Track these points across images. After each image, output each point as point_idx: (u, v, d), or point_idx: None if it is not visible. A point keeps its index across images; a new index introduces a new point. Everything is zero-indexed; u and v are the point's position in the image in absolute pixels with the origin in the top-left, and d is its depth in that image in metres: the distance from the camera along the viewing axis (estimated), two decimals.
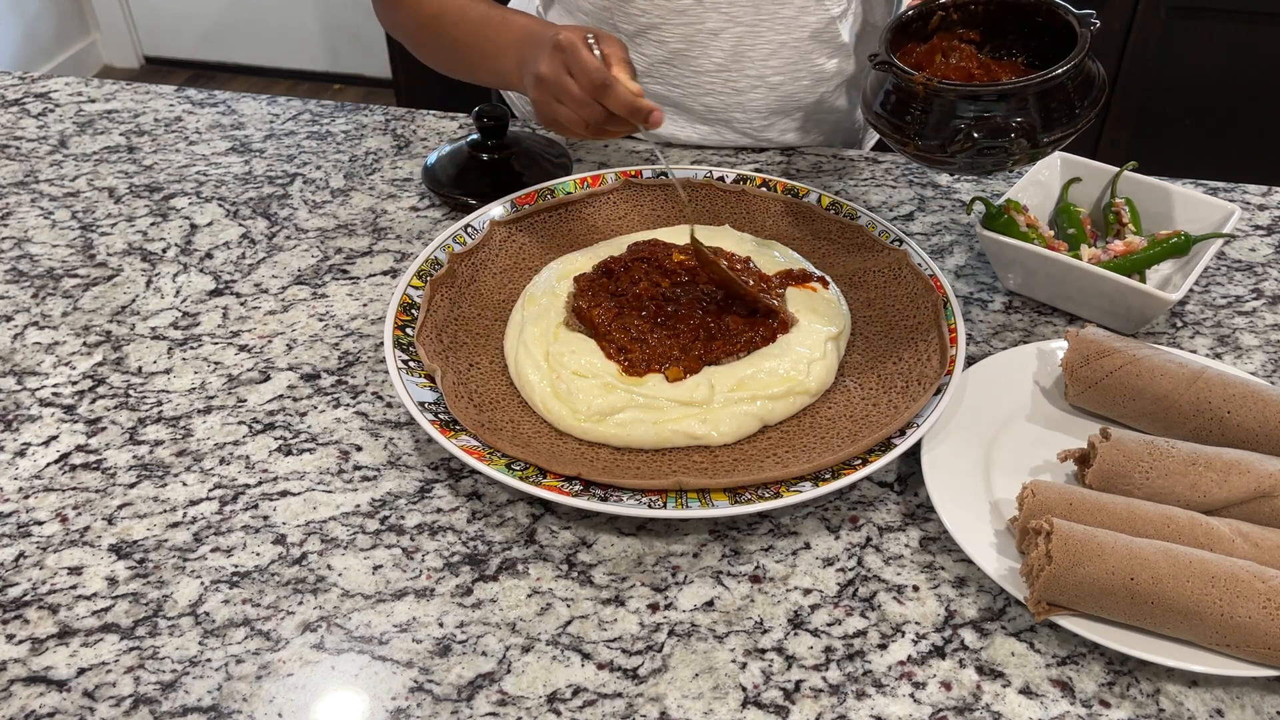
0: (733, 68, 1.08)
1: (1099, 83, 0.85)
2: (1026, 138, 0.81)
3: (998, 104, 0.82)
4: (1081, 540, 0.65)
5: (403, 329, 0.85)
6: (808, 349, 0.82)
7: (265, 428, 0.82)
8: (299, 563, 0.72)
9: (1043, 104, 0.82)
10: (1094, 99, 0.84)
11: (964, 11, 0.91)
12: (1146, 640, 0.65)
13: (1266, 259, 1.00)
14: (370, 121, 1.21)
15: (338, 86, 3.38)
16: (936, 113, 0.83)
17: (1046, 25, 0.88)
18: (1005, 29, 0.91)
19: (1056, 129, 0.82)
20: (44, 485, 0.78)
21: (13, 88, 1.29)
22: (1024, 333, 0.91)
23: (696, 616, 0.69)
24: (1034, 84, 0.81)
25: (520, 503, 0.76)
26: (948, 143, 0.83)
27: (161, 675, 0.65)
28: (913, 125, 0.85)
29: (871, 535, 0.74)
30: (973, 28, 0.92)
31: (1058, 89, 0.82)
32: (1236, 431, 0.76)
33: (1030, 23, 0.89)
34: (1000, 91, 0.81)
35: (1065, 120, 0.83)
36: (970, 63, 0.90)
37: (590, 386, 0.79)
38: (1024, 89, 0.81)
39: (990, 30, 0.91)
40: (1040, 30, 0.88)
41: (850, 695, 0.64)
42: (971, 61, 0.90)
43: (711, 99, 1.10)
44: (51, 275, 0.98)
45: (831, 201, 0.99)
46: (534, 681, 0.65)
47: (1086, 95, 0.84)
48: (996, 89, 0.82)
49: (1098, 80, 0.85)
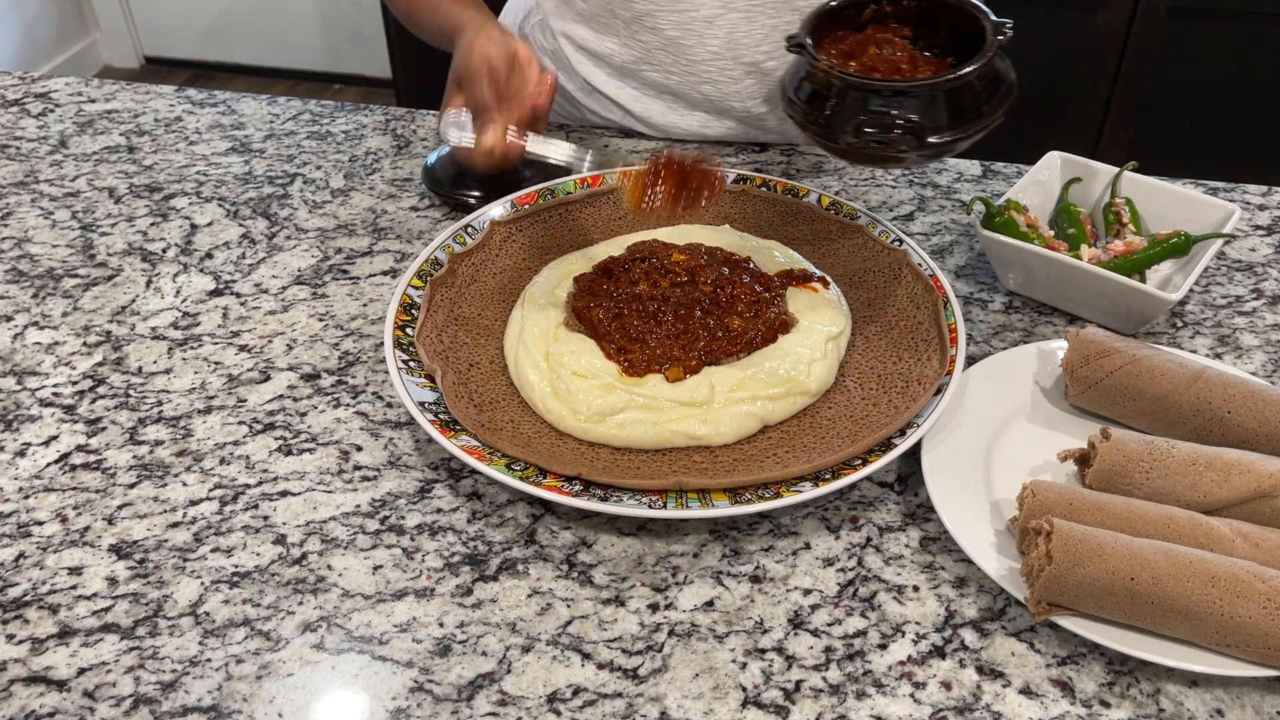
0: (728, 55, 1.08)
1: (1005, 87, 0.85)
2: (915, 136, 0.81)
3: (891, 100, 0.82)
4: (1082, 540, 0.65)
5: (403, 329, 0.85)
6: (808, 349, 0.82)
7: (265, 428, 0.82)
8: (299, 563, 0.72)
9: (941, 104, 0.82)
10: (998, 103, 0.84)
11: (896, 5, 0.90)
12: (1146, 640, 0.65)
13: (1266, 259, 1.00)
14: (370, 121, 1.21)
15: (338, 86, 3.38)
16: (834, 101, 0.83)
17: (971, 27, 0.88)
18: (938, 26, 0.90)
19: (949, 131, 0.82)
20: (44, 485, 0.78)
21: (13, 88, 1.29)
22: (1024, 333, 0.91)
23: (696, 616, 0.69)
24: (928, 84, 0.81)
25: (520, 503, 0.76)
26: (840, 132, 0.83)
27: (161, 675, 0.65)
28: (814, 111, 0.85)
29: (871, 535, 0.74)
30: (906, 23, 0.91)
31: (958, 92, 0.82)
32: (1236, 431, 0.76)
33: (959, 22, 0.89)
34: (894, 89, 0.82)
35: (964, 123, 0.83)
36: (901, 56, 0.89)
37: (590, 387, 0.79)
38: (918, 88, 0.81)
39: (924, 27, 0.91)
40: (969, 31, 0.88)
41: (850, 695, 0.64)
42: (903, 55, 0.89)
43: (709, 87, 1.11)
44: (51, 275, 0.98)
45: (831, 201, 0.99)
46: (534, 681, 0.65)
47: (991, 99, 0.84)
48: (890, 85, 0.82)
49: (1004, 85, 0.85)
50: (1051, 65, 2.19)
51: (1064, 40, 2.16)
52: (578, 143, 1.09)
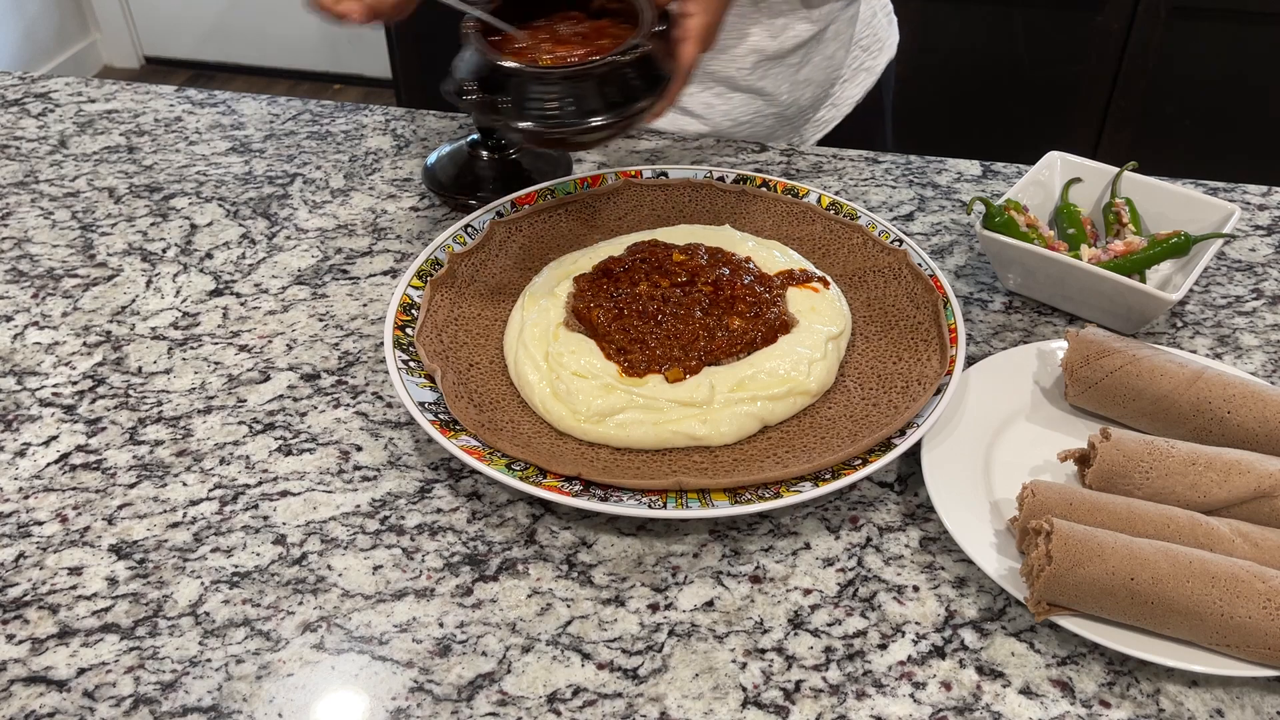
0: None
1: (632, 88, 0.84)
2: (507, 118, 0.82)
3: (497, 78, 0.82)
4: (1082, 540, 0.65)
5: (403, 329, 0.85)
6: (808, 349, 0.82)
7: (265, 428, 0.82)
8: (299, 563, 0.72)
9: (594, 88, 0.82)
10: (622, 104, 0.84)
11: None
12: (1146, 640, 0.65)
13: (1266, 259, 1.00)
14: (370, 121, 1.21)
15: (338, 86, 3.38)
16: (466, 65, 0.84)
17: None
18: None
19: (559, 124, 0.82)
20: (44, 485, 0.78)
21: (13, 88, 1.29)
22: (1024, 333, 0.91)
23: (696, 616, 0.69)
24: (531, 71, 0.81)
25: (520, 503, 0.76)
26: (458, 97, 0.83)
27: (161, 675, 0.65)
28: (457, 70, 0.85)
29: (871, 535, 0.74)
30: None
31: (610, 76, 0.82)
32: (1236, 431, 0.76)
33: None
34: (500, 68, 0.82)
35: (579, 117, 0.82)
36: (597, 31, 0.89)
37: (590, 387, 0.79)
38: (519, 73, 0.81)
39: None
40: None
41: (850, 695, 0.64)
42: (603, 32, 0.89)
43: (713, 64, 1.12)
44: (51, 275, 0.98)
45: (831, 201, 0.99)
46: (534, 681, 0.65)
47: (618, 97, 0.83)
48: (496, 63, 0.82)
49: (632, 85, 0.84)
50: (1051, 65, 2.19)
51: (1064, 40, 2.16)
52: None
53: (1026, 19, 2.16)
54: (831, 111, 1.24)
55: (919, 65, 2.25)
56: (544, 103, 0.83)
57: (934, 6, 2.19)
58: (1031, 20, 2.16)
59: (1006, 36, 2.19)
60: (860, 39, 1.22)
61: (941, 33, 2.22)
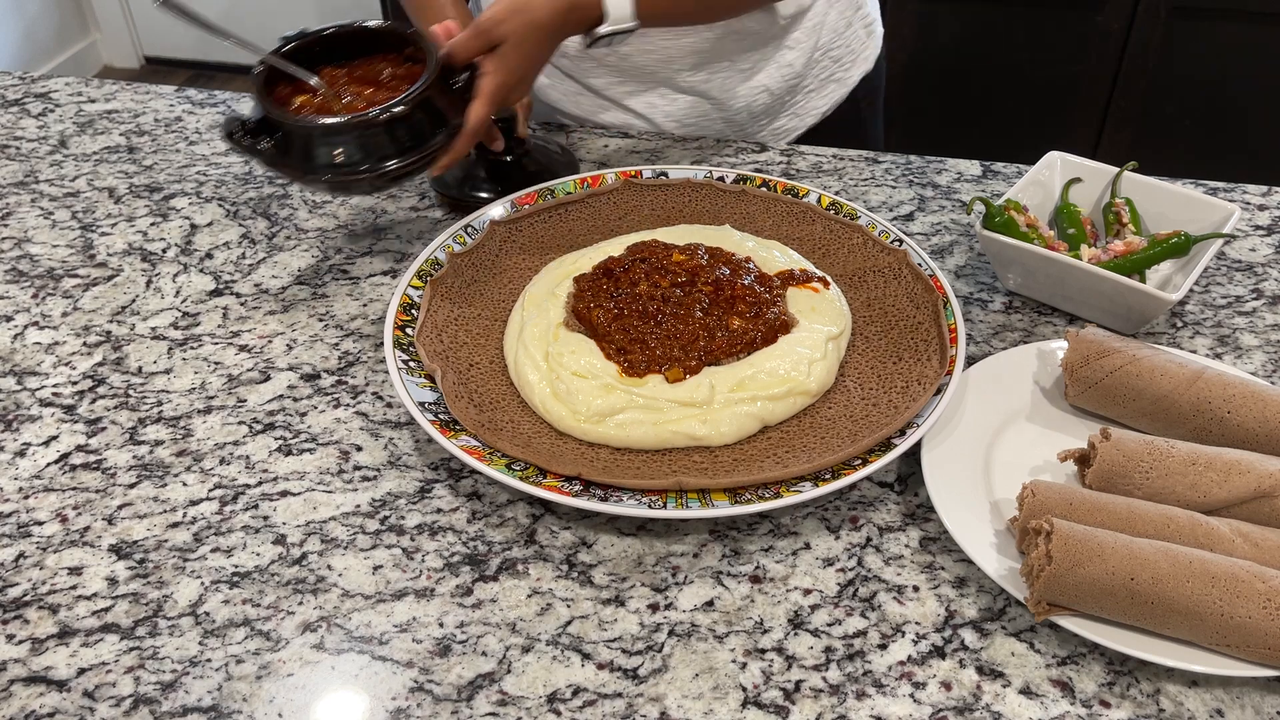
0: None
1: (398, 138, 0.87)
2: (269, 163, 0.87)
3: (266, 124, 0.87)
4: (1082, 540, 0.65)
5: (403, 329, 0.85)
6: (808, 349, 0.82)
7: (265, 428, 0.82)
8: (299, 563, 0.72)
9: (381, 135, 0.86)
10: (444, 132, 0.88)
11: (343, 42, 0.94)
12: (1146, 640, 0.65)
13: (1266, 259, 1.00)
14: None
15: None
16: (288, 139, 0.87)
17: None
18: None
19: (397, 159, 0.87)
20: (44, 485, 0.78)
21: (13, 88, 1.29)
22: (1024, 333, 0.91)
23: (696, 616, 0.69)
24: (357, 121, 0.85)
25: (520, 503, 0.76)
26: (303, 168, 0.87)
27: (161, 675, 0.65)
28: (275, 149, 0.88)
29: (871, 535, 0.74)
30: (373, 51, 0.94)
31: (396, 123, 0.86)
32: (1236, 431, 0.76)
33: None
34: (270, 117, 0.86)
35: (407, 151, 0.87)
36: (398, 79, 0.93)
37: (590, 387, 0.79)
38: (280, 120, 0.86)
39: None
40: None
41: (850, 695, 0.64)
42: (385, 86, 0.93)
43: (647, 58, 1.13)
44: (51, 275, 0.98)
45: (831, 201, 0.99)
46: (534, 681, 0.65)
47: (436, 127, 0.88)
48: (272, 111, 0.86)
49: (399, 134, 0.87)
50: (1051, 65, 2.20)
51: (1064, 40, 2.16)
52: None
53: (1026, 19, 2.16)
54: (794, 121, 1.22)
55: (919, 65, 2.26)
56: (312, 151, 0.86)
57: (934, 6, 2.19)
58: (1031, 20, 2.16)
59: (1006, 36, 2.19)
60: (831, 49, 1.19)
61: (942, 33, 2.22)
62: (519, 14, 0.89)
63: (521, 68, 0.91)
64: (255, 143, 0.87)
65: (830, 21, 1.17)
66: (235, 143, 0.87)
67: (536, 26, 0.90)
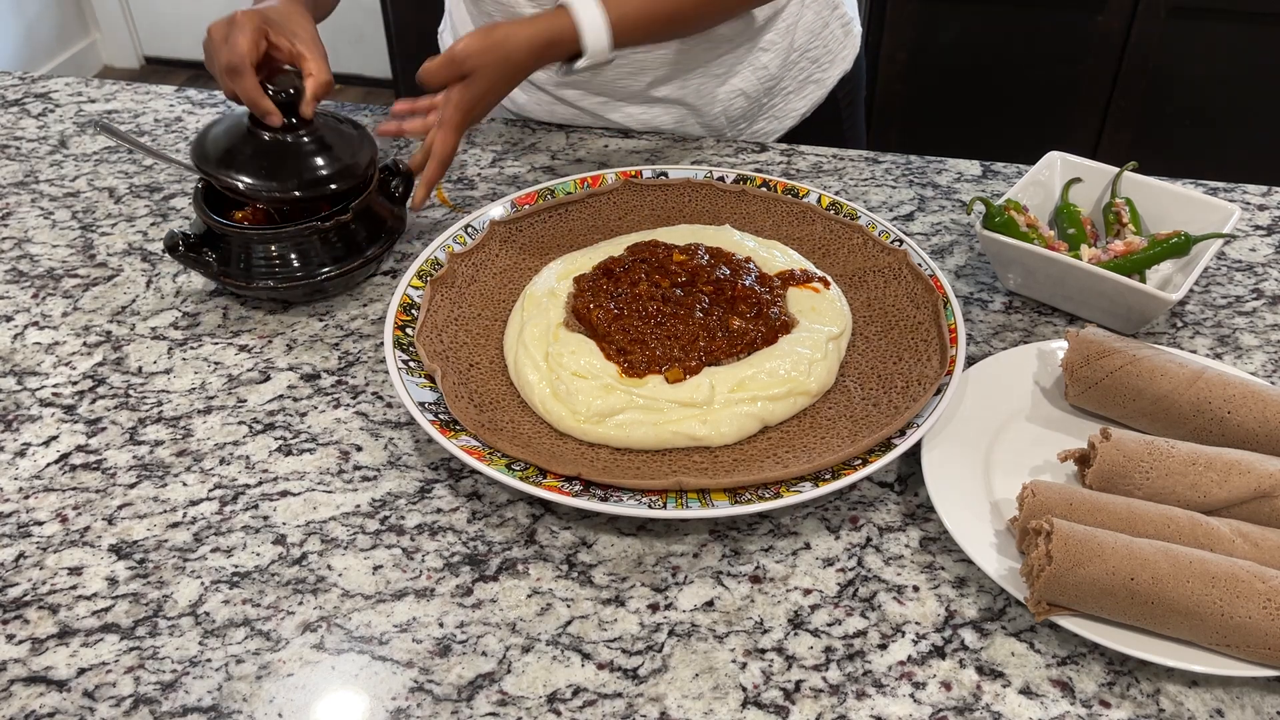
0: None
1: (388, 225, 0.95)
2: (206, 272, 0.91)
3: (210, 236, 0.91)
4: (1082, 540, 0.65)
5: (403, 329, 0.85)
6: (808, 349, 0.82)
7: (265, 428, 0.82)
8: (299, 563, 0.72)
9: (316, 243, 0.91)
10: (382, 238, 0.94)
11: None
12: (1146, 640, 0.65)
13: (1266, 259, 1.00)
14: (370, 121, 1.20)
15: (338, 86, 3.38)
16: (230, 249, 0.92)
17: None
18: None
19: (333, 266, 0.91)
20: (44, 485, 0.78)
21: (13, 88, 1.29)
22: (1024, 333, 0.91)
23: (696, 616, 0.69)
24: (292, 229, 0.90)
25: (520, 503, 0.76)
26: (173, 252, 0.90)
27: (161, 675, 0.65)
28: (215, 258, 0.92)
29: (871, 535, 0.74)
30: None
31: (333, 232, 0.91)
32: (1236, 431, 0.76)
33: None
34: (212, 227, 0.91)
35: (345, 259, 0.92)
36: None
37: (590, 387, 0.79)
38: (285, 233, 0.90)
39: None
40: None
41: (850, 695, 0.64)
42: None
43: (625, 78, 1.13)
44: (51, 275, 0.98)
45: (831, 201, 0.99)
46: (534, 681, 0.65)
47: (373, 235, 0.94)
48: (215, 221, 0.91)
49: (385, 223, 0.95)
50: (1051, 65, 2.19)
51: (1064, 40, 2.16)
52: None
53: (1026, 19, 2.16)
54: (773, 124, 1.21)
55: (920, 65, 2.26)
56: (252, 260, 0.91)
57: (934, 6, 2.19)
58: (1031, 20, 2.16)
59: (1006, 36, 2.19)
60: (809, 49, 1.18)
61: (942, 32, 2.22)
62: (494, 50, 0.90)
63: (487, 99, 0.93)
64: (198, 256, 0.91)
65: (806, 22, 1.16)
66: (177, 257, 0.90)
67: (510, 64, 0.92)
